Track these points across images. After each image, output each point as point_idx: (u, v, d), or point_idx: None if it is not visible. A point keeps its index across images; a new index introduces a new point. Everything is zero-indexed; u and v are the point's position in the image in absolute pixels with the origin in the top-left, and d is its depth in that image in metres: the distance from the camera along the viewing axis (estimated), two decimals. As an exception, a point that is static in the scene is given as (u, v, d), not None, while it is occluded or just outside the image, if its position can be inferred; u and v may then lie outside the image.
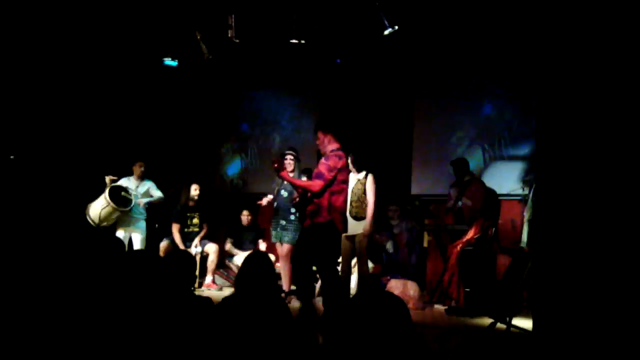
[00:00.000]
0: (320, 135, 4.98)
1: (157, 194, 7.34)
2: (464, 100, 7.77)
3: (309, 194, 4.91)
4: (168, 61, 7.37)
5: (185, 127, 9.44)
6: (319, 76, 8.82)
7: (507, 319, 5.00)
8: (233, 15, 6.55)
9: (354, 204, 5.91)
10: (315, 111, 8.91)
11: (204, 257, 7.45)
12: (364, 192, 5.95)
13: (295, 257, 5.12)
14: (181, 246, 7.32)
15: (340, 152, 4.92)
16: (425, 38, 7.69)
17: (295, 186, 5.38)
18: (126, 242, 6.94)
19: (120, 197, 6.87)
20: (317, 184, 4.78)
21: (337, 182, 4.83)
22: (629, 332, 3.51)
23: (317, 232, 4.78)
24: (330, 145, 4.96)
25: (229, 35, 6.62)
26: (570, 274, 3.90)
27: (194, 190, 7.58)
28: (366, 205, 5.91)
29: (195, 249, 7.34)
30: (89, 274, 2.85)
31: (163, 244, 7.40)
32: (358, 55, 8.14)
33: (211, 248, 7.45)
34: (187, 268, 2.93)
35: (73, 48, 7.40)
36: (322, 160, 4.95)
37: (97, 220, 6.78)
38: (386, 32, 6.15)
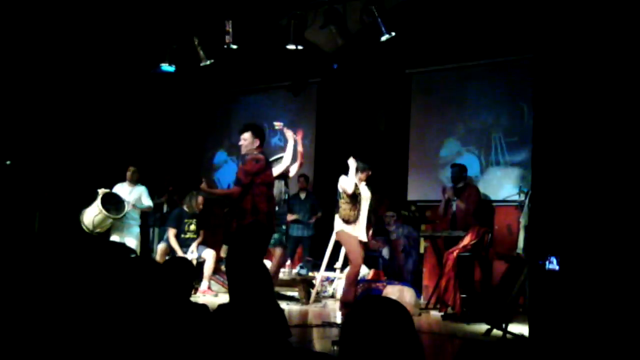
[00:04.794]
0: (249, 136, 5.12)
1: (147, 202, 7.34)
2: (460, 106, 7.79)
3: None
4: (165, 67, 7.37)
5: (180, 132, 9.44)
6: (316, 81, 8.84)
7: (504, 325, 4.99)
8: (230, 21, 6.56)
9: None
10: (312, 116, 8.92)
11: (201, 262, 7.44)
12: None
13: (228, 261, 5.19)
14: (179, 252, 7.30)
15: (258, 156, 5.06)
16: (421, 44, 7.73)
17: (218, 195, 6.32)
18: (120, 248, 6.92)
19: (113, 204, 6.86)
20: (235, 191, 4.98)
21: (257, 184, 4.98)
22: (625, 337, 3.51)
23: (242, 234, 4.97)
24: (252, 148, 5.12)
25: (226, 40, 6.62)
26: (567, 279, 3.91)
27: (200, 204, 7.59)
28: None
29: (191, 254, 7.33)
30: (87, 280, 2.85)
31: (161, 247, 7.38)
32: (355, 61, 8.16)
33: (208, 254, 7.43)
34: (185, 275, 2.92)
35: (68, 54, 7.40)
36: (240, 165, 5.19)
37: (90, 227, 6.77)
38: (383, 38, 6.16)
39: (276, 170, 5.82)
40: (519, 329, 5.10)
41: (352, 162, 5.76)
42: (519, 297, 5.70)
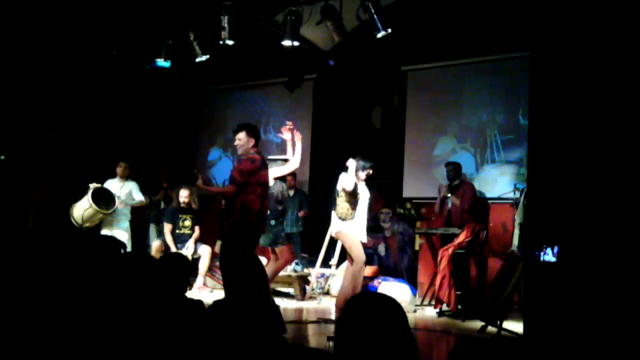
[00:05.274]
0: (244, 136, 5.09)
1: (138, 197, 7.32)
2: (455, 103, 7.79)
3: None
4: (160, 62, 7.34)
5: (174, 128, 9.41)
6: (311, 78, 8.83)
7: (498, 322, 5.01)
8: (226, 17, 6.53)
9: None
10: (307, 113, 8.90)
11: (196, 259, 7.43)
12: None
13: (221, 259, 5.14)
14: (173, 248, 7.29)
15: (254, 156, 5.04)
16: (417, 41, 7.72)
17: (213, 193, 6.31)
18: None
19: (103, 199, 6.84)
20: (230, 190, 5.00)
21: (250, 184, 4.97)
22: (618, 335, 3.53)
23: (231, 233, 4.97)
24: (248, 147, 5.11)
25: (222, 36, 6.59)
26: (562, 276, 3.92)
27: (183, 197, 7.52)
28: None
29: (186, 250, 7.32)
30: (80, 275, 2.83)
31: (155, 244, 7.38)
32: (351, 58, 8.15)
33: (204, 250, 7.42)
34: (181, 271, 2.92)
35: (61, 49, 7.37)
36: (235, 164, 5.20)
37: (80, 221, 6.74)
38: (379, 35, 6.15)
39: (281, 171, 5.79)
40: (514, 326, 5.11)
41: (351, 163, 5.60)
42: (514, 294, 5.72)
